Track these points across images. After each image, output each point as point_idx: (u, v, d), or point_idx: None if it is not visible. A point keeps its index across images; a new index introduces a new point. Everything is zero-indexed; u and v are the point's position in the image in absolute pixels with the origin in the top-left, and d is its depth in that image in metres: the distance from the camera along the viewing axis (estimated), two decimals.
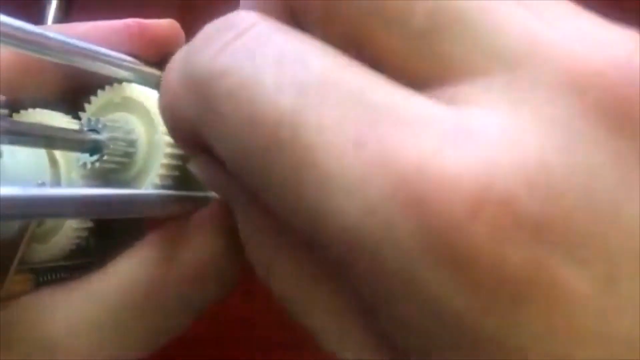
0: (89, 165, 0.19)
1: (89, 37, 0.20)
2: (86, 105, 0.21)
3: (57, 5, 0.43)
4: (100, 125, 0.19)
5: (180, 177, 0.21)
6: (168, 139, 0.20)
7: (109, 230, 0.22)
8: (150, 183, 0.20)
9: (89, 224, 0.20)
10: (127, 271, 0.20)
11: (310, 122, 0.13)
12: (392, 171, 0.12)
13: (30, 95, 0.21)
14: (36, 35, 0.17)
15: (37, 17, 0.42)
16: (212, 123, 0.15)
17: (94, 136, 0.19)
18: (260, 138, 0.13)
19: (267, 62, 0.14)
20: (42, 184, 0.20)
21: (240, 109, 0.14)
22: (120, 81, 0.21)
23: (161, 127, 0.20)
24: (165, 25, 0.23)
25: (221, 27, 0.15)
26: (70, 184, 0.20)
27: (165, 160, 0.20)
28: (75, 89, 0.22)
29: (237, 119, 0.14)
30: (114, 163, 0.20)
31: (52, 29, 0.19)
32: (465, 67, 0.13)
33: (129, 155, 0.20)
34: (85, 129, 0.19)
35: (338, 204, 0.12)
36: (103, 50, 0.20)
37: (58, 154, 0.20)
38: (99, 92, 0.21)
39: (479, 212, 0.11)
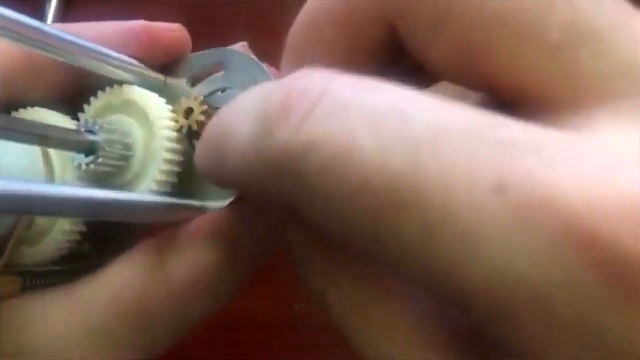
0: (83, 167, 0.19)
1: (93, 37, 0.19)
2: (85, 107, 0.21)
3: (56, 5, 0.43)
4: (96, 127, 0.19)
5: (177, 184, 0.20)
6: (166, 144, 0.19)
7: (105, 237, 0.21)
8: (146, 188, 0.19)
9: (81, 228, 0.20)
10: (117, 279, 0.19)
11: (433, 179, 0.12)
12: (554, 210, 0.11)
13: (32, 95, 0.21)
14: (39, 32, 0.17)
15: (37, 17, 0.42)
16: (308, 199, 0.14)
17: (90, 137, 0.19)
18: (374, 207, 0.12)
19: (359, 124, 0.13)
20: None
21: (343, 181, 0.13)
22: (120, 83, 0.20)
23: (160, 132, 0.19)
24: (173, 30, 0.22)
25: (293, 95, 0.14)
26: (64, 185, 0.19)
27: (162, 166, 0.19)
28: (78, 90, 0.21)
29: (340, 192, 0.13)
30: (110, 166, 0.19)
31: (56, 28, 0.18)
32: (599, 89, 0.12)
33: (125, 158, 0.19)
34: (82, 129, 0.19)
35: (490, 259, 0.11)
36: (105, 50, 0.19)
37: (53, 155, 0.20)
38: (99, 93, 0.21)
39: None
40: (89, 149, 0.19)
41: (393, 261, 0.13)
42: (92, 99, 0.21)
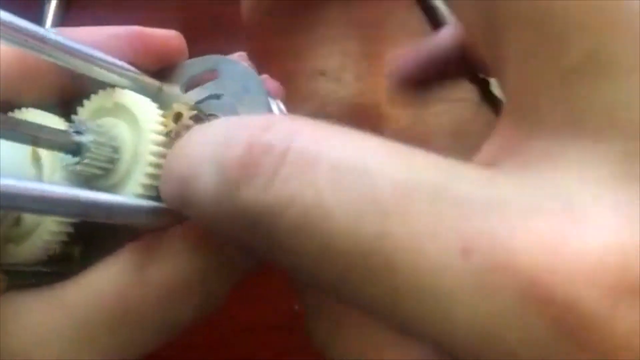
0: (69, 167, 0.19)
1: (88, 42, 0.20)
2: (78, 109, 0.21)
3: (56, 5, 0.43)
4: (84, 128, 0.19)
5: None
6: (153, 147, 0.19)
7: (94, 240, 0.21)
8: (131, 191, 0.19)
9: (69, 229, 0.20)
10: (98, 281, 0.19)
11: (402, 245, 0.12)
12: (514, 273, 0.11)
13: (26, 96, 0.21)
14: (35, 34, 0.18)
15: (37, 17, 0.42)
16: (277, 252, 0.14)
17: (77, 138, 0.19)
18: (343, 268, 0.13)
19: (324, 184, 0.13)
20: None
21: (312, 242, 0.13)
22: (114, 87, 0.21)
23: (147, 135, 0.19)
24: (169, 37, 0.22)
25: (254, 150, 0.14)
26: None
27: (148, 169, 0.19)
28: (73, 93, 0.21)
29: (310, 252, 0.13)
30: (96, 167, 0.19)
31: (52, 31, 0.19)
32: (590, 126, 0.12)
33: (112, 161, 0.19)
34: (71, 130, 0.19)
35: (458, 318, 0.12)
36: (100, 54, 0.19)
37: (44, 155, 0.20)
38: (92, 96, 0.21)
39: (618, 304, 0.11)
40: (76, 150, 0.19)
41: (365, 310, 0.14)
42: (85, 101, 0.21)
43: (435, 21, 0.47)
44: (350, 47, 0.47)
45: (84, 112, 0.21)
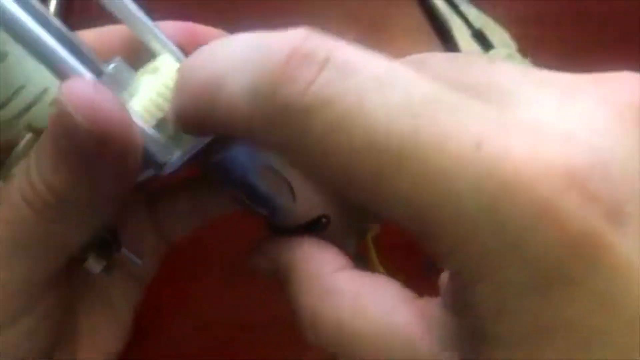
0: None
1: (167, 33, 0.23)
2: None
3: (56, 5, 0.43)
4: (116, 62, 0.21)
5: (164, 125, 0.22)
6: (165, 82, 0.22)
7: None
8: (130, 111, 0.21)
9: None
10: None
11: (430, 141, 0.15)
12: (507, 164, 0.15)
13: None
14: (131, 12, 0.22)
15: None
16: (310, 153, 0.16)
17: (104, 67, 0.21)
18: (375, 161, 0.15)
19: (368, 89, 0.15)
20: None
21: (350, 139, 0.15)
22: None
23: (163, 72, 0.22)
24: (214, 34, 0.25)
25: (297, 55, 0.16)
26: None
27: (153, 95, 0.21)
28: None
29: (345, 148, 0.15)
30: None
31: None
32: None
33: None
34: (107, 65, 0.21)
35: (466, 196, 0.15)
36: (157, 30, 0.23)
37: None
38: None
39: (570, 189, 0.15)
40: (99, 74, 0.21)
41: (382, 207, 0.16)
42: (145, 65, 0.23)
43: (435, 21, 0.47)
44: None
45: (141, 73, 0.23)
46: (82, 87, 0.19)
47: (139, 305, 0.28)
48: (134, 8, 0.23)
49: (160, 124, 0.22)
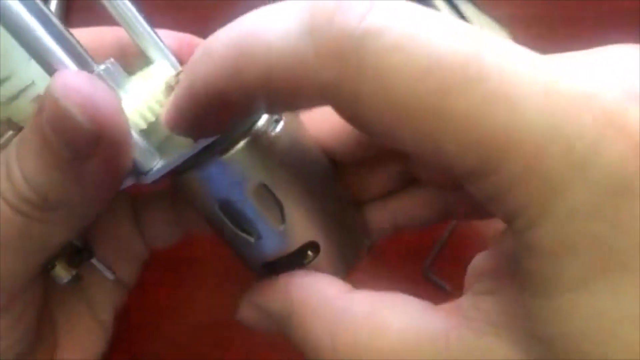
0: None
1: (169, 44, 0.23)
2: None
3: (56, 5, 0.43)
4: (109, 63, 0.21)
5: (153, 130, 0.21)
6: (158, 85, 0.21)
7: None
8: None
9: None
10: None
11: (492, 59, 0.15)
12: (567, 81, 0.15)
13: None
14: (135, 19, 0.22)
15: None
16: (367, 80, 0.15)
17: (96, 67, 0.20)
18: (441, 79, 0.15)
19: (421, 18, 0.16)
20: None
21: (413, 57, 0.15)
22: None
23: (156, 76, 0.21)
24: None
25: (347, 3, 0.16)
26: None
27: (145, 97, 0.20)
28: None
29: (408, 67, 0.15)
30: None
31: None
32: None
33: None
34: (100, 65, 0.20)
35: (527, 114, 0.15)
36: (156, 37, 0.23)
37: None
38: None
39: (632, 101, 0.15)
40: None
41: (441, 137, 0.15)
42: (138, 72, 0.23)
43: None
44: None
45: (134, 78, 0.22)
46: (79, 79, 0.18)
47: (138, 306, 0.28)
48: (134, 12, 0.22)
49: (147, 130, 0.21)
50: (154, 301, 0.38)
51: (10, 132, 0.22)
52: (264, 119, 0.21)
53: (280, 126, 0.21)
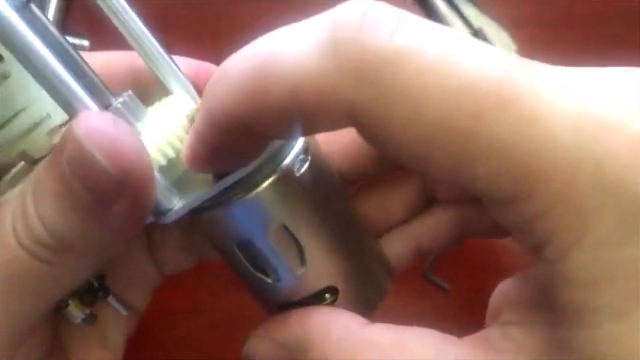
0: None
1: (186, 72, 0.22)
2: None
3: (56, 6, 0.42)
4: (126, 96, 0.20)
5: (173, 166, 0.20)
6: (180, 120, 0.20)
7: None
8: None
9: None
10: None
11: (524, 83, 0.15)
12: (598, 105, 0.15)
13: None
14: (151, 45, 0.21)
15: None
16: (399, 101, 0.15)
17: (113, 100, 0.19)
18: (475, 102, 0.15)
19: (451, 41, 0.15)
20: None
21: (446, 80, 0.15)
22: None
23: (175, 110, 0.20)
24: None
25: (369, 14, 0.15)
26: None
27: (166, 132, 0.19)
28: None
29: (440, 90, 0.15)
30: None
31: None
32: None
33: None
34: (118, 98, 0.20)
35: (560, 143, 0.15)
36: (178, 71, 0.22)
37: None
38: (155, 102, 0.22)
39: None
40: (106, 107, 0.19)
41: (474, 162, 0.15)
42: (156, 103, 0.22)
43: (435, 21, 0.47)
44: None
45: (151, 110, 0.22)
46: (103, 122, 0.17)
47: (146, 310, 0.28)
48: (150, 37, 0.21)
49: (167, 167, 0.20)
50: (155, 302, 0.38)
51: (22, 164, 0.21)
52: (290, 157, 0.20)
53: (306, 166, 0.21)
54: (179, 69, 0.22)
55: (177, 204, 0.20)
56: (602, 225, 0.14)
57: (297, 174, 0.20)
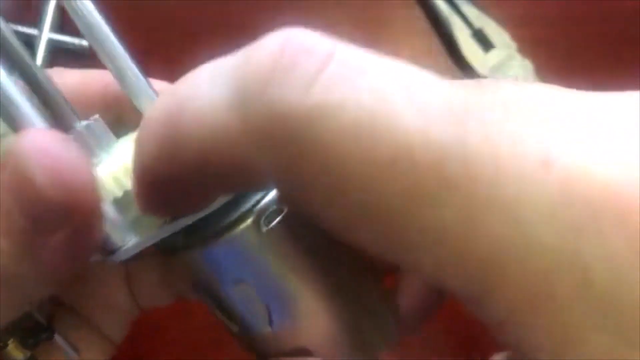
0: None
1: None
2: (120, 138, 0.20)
3: (55, 5, 0.42)
4: (92, 120, 0.18)
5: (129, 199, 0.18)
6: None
7: None
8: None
9: None
10: None
11: (481, 149, 0.11)
12: (594, 185, 0.11)
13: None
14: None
15: (35, 17, 0.42)
16: (317, 172, 0.12)
17: (79, 125, 0.18)
18: (411, 178, 0.11)
19: (389, 89, 0.12)
20: None
21: (374, 147, 0.11)
22: None
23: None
24: None
25: (288, 51, 0.12)
26: None
27: (125, 161, 0.17)
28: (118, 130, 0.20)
29: (367, 163, 0.12)
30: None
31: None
32: None
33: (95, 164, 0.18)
34: (82, 122, 0.18)
35: (538, 233, 0.11)
36: (153, 94, 0.19)
37: None
38: (130, 133, 0.20)
39: None
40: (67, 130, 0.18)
41: (414, 251, 0.12)
42: (130, 133, 0.19)
43: (435, 21, 0.47)
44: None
45: (122, 139, 0.20)
46: (47, 140, 0.14)
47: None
48: (126, 58, 0.19)
49: (124, 200, 0.17)
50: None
51: None
52: (258, 208, 0.18)
53: (279, 218, 0.18)
54: (154, 92, 0.19)
55: (129, 242, 0.17)
56: (586, 351, 0.11)
57: (264, 229, 0.18)
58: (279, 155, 0.12)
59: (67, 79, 0.18)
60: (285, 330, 0.19)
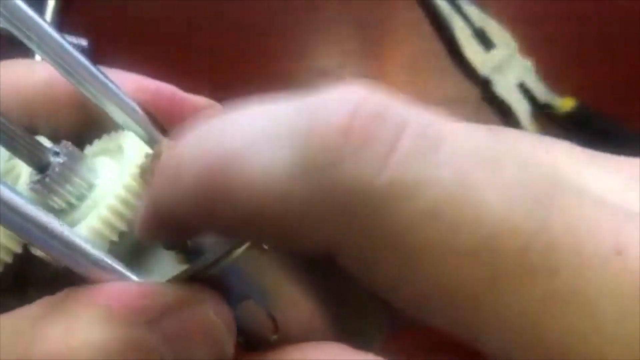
0: (31, 185, 0.17)
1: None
2: (87, 146, 0.19)
3: (54, 5, 0.42)
4: (65, 151, 0.17)
5: (125, 239, 0.17)
6: (128, 182, 0.17)
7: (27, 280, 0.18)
8: (86, 224, 0.16)
9: (17, 250, 0.17)
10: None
11: (562, 239, 0.11)
12: None
13: (43, 124, 0.19)
14: (72, 59, 0.17)
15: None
16: (388, 255, 0.11)
17: (51, 157, 0.17)
18: (491, 269, 0.11)
19: (469, 164, 0.11)
20: None
21: (455, 234, 0.11)
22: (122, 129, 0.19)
23: (125, 168, 0.17)
24: (201, 105, 0.19)
25: (359, 119, 0.11)
26: None
27: (114, 202, 0.16)
28: (89, 132, 0.19)
29: (447, 246, 0.11)
30: (62, 199, 0.17)
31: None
32: None
33: (80, 197, 0.17)
34: (51, 149, 0.17)
35: (616, 330, 0.11)
36: (121, 94, 0.17)
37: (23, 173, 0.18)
38: (104, 136, 0.19)
39: None
40: (44, 169, 0.17)
41: (481, 331, 0.12)
42: (95, 140, 0.19)
43: (436, 20, 0.47)
44: (350, 47, 0.47)
45: (90, 150, 0.19)
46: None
47: None
48: (73, 53, 0.17)
49: (120, 239, 0.16)
50: None
51: None
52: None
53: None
54: (131, 101, 0.18)
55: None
56: None
57: (265, 246, 0.17)
58: (347, 228, 0.12)
59: (35, 76, 0.17)
60: (291, 336, 0.19)
